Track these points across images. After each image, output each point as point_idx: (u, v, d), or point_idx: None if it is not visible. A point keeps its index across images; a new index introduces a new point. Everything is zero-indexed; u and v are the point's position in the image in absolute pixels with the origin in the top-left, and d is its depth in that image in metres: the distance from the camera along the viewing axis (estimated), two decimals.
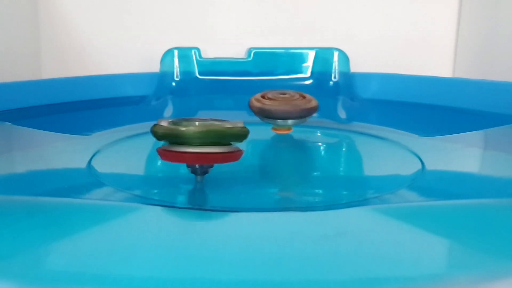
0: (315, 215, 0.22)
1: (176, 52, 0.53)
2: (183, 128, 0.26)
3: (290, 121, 0.38)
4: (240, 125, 0.27)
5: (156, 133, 0.27)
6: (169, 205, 0.26)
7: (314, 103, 0.38)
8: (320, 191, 0.31)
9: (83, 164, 0.32)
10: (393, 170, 0.34)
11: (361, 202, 0.27)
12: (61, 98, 0.46)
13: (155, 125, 0.27)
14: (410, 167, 0.32)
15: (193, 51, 0.53)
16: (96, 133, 0.41)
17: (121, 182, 0.30)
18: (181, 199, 0.29)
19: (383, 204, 0.26)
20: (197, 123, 0.26)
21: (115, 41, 0.56)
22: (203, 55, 0.54)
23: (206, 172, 0.28)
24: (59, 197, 0.25)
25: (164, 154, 0.27)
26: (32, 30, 0.55)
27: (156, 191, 0.30)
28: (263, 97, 0.38)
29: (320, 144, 0.44)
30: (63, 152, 0.36)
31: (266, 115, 0.38)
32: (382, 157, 0.37)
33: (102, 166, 0.32)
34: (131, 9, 0.56)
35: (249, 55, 0.54)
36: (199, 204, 0.28)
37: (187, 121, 0.27)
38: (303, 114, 0.37)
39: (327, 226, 0.20)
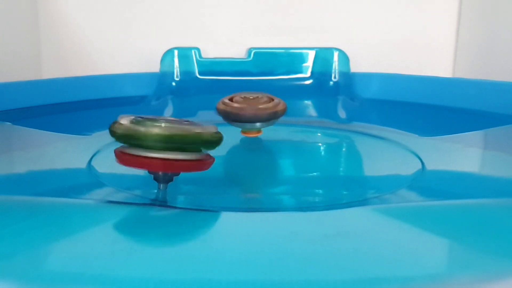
0: (315, 215, 0.22)
1: (176, 52, 0.53)
2: (145, 129, 0.23)
3: (257, 124, 0.37)
4: (212, 130, 0.24)
5: (115, 133, 0.24)
6: (169, 205, 0.26)
7: (281, 106, 0.37)
8: (320, 191, 0.31)
9: (83, 164, 0.32)
10: (393, 170, 0.34)
11: (361, 202, 0.27)
12: (61, 98, 0.46)
13: (114, 123, 0.24)
14: (410, 167, 0.32)
15: (193, 51, 0.53)
16: (96, 133, 0.41)
17: (121, 182, 0.30)
18: (181, 199, 0.29)
19: (383, 204, 0.26)
20: (163, 124, 0.23)
21: (115, 41, 0.56)
22: (203, 55, 0.54)
23: (170, 180, 0.25)
24: (59, 197, 0.25)
25: (122, 157, 0.24)
26: (32, 30, 0.55)
27: (156, 191, 0.30)
28: (230, 100, 0.37)
29: (320, 144, 0.44)
30: (63, 152, 0.36)
31: (233, 119, 0.37)
32: (382, 157, 0.37)
33: (102, 166, 0.32)
34: (131, 9, 0.56)
35: (249, 55, 0.54)
36: (199, 204, 0.28)
37: (152, 120, 0.23)
38: (270, 117, 0.37)
39: (327, 226, 0.20)
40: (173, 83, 0.53)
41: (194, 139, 0.23)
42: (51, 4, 0.55)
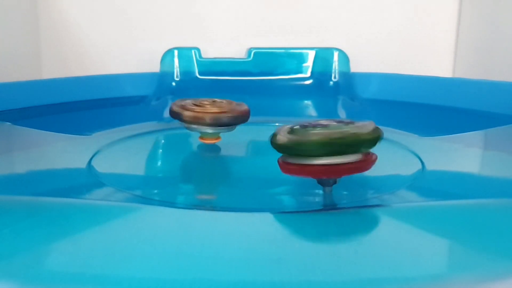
0: (315, 215, 0.22)
1: (176, 52, 0.53)
2: (302, 138, 0.23)
3: (219, 129, 0.34)
4: (370, 127, 0.24)
5: (276, 145, 0.24)
6: (170, 205, 0.26)
7: (245, 107, 0.35)
8: (320, 191, 0.31)
9: (83, 164, 0.32)
10: (393, 170, 0.34)
11: (361, 202, 0.27)
12: (61, 98, 0.46)
13: (273, 135, 0.24)
14: (410, 167, 0.32)
15: (193, 51, 0.53)
16: (96, 133, 0.41)
17: (121, 182, 0.30)
18: (181, 199, 0.29)
19: (383, 204, 0.26)
20: (317, 130, 0.23)
21: (115, 41, 0.56)
22: (203, 55, 0.54)
23: (334, 183, 0.25)
24: (59, 197, 0.25)
25: (285, 167, 0.24)
26: (32, 30, 0.55)
27: (156, 191, 0.30)
28: (186, 105, 0.34)
29: None
30: (63, 152, 0.36)
31: (198, 123, 0.34)
32: (382, 157, 0.37)
33: (102, 166, 0.32)
34: (131, 9, 0.56)
35: (249, 55, 0.54)
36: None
37: (308, 128, 0.23)
38: (237, 120, 0.34)
39: (327, 226, 0.20)
40: (173, 83, 0.53)
41: (352, 140, 0.23)
42: (51, 4, 0.55)
